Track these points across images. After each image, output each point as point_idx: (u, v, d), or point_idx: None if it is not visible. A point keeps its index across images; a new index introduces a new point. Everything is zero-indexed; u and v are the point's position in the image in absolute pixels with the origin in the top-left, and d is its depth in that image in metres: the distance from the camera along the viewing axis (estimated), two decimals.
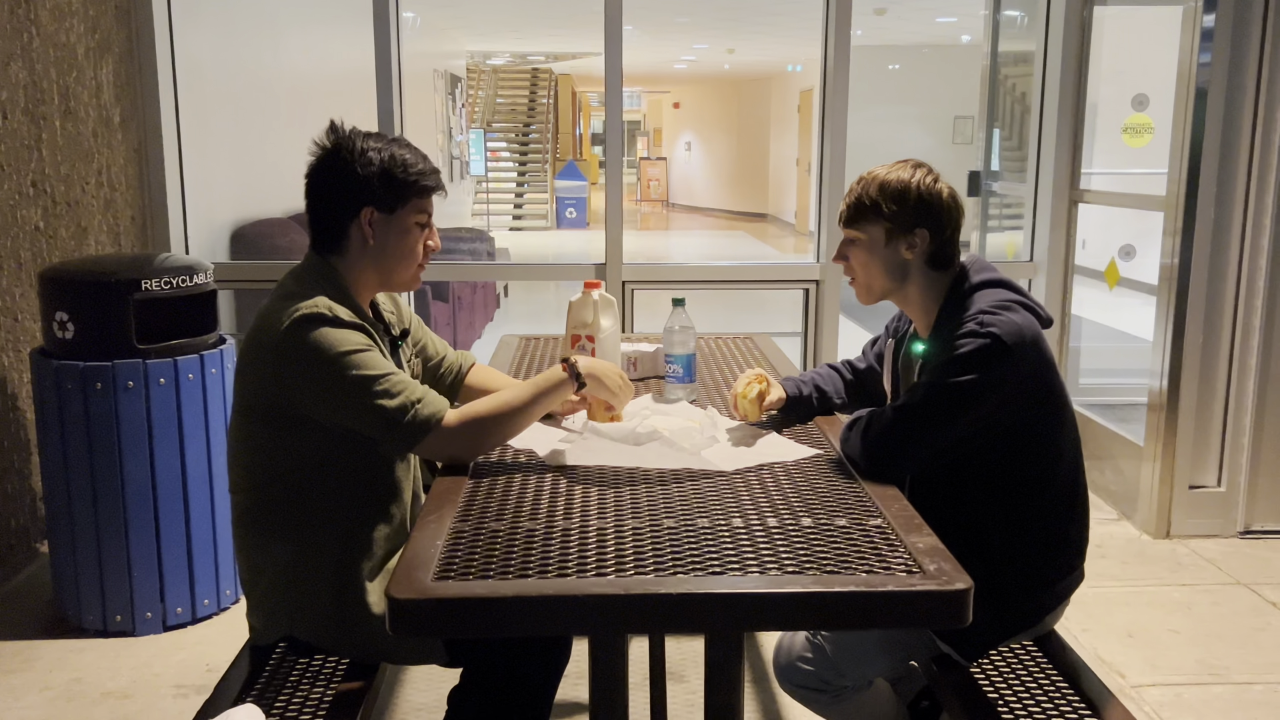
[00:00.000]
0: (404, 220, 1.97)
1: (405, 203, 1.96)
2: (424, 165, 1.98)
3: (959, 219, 1.99)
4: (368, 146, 1.94)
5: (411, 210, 1.98)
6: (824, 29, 4.43)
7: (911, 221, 1.96)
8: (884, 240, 1.98)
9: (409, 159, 1.96)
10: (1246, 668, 3.01)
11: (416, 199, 1.98)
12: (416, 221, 1.99)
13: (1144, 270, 4.42)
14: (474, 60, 17.73)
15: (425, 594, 1.41)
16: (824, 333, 4.50)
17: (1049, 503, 1.97)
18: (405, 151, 1.97)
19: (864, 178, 2.01)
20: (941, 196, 1.97)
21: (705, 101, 23.48)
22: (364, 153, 1.93)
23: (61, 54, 3.69)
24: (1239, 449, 3.94)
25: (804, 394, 2.26)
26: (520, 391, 1.97)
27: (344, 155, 1.93)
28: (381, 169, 1.93)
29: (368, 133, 1.98)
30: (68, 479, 3.07)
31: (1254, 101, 3.75)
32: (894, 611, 1.45)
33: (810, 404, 2.26)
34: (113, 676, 2.93)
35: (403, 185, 1.95)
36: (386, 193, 1.94)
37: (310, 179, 1.98)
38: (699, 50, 16.53)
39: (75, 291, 3.04)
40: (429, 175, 1.98)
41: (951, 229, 1.98)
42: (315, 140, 1.97)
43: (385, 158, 1.94)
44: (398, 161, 1.94)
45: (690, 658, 2.97)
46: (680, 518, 1.67)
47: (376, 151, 1.94)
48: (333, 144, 1.95)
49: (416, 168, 1.96)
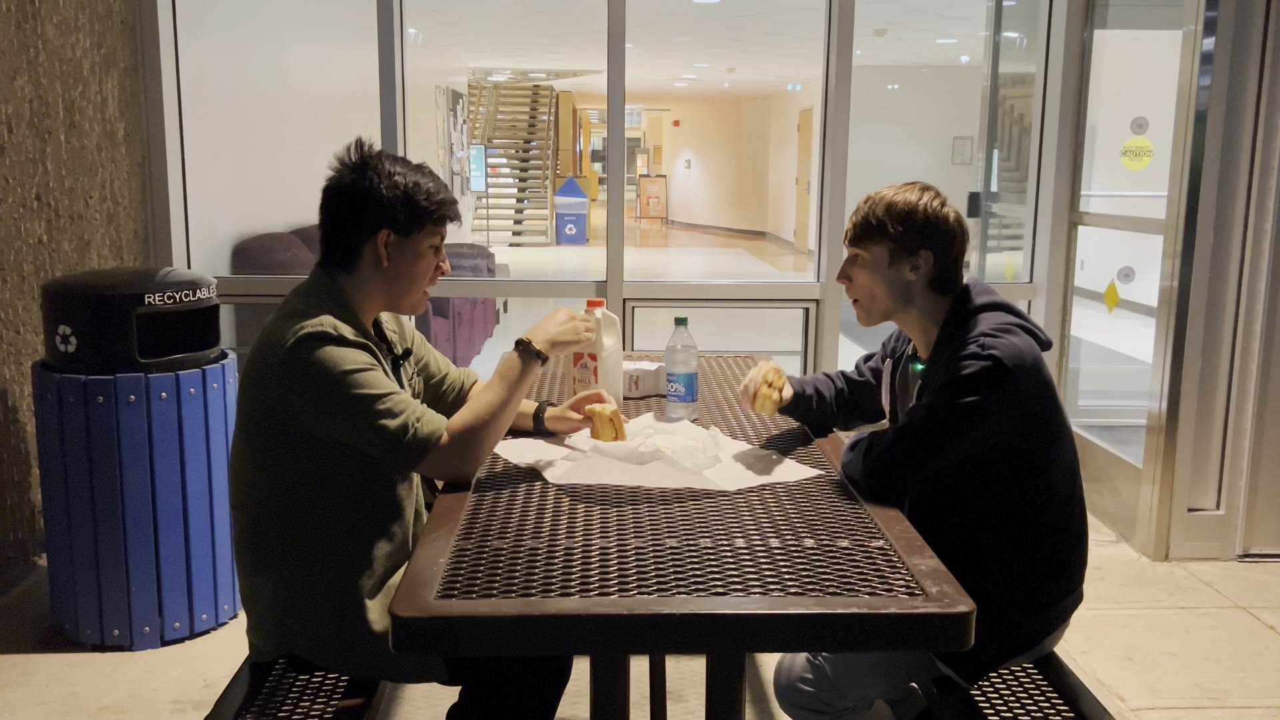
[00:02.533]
0: (419, 244, 1.99)
1: (422, 228, 1.99)
2: (445, 195, 2.02)
3: (963, 243, 2.01)
4: (394, 170, 1.96)
5: (427, 235, 2.00)
6: (825, 49, 4.46)
7: (916, 243, 1.97)
8: (888, 260, 2.00)
9: (432, 188, 1.99)
10: (1245, 692, 3.00)
11: (434, 225, 2.00)
12: (431, 245, 2.01)
13: (1143, 292, 4.43)
14: (475, 77, 17.79)
15: (428, 612, 1.41)
16: (823, 352, 4.51)
17: (1048, 525, 1.97)
18: (429, 181, 2.00)
19: (871, 197, 2.02)
20: (948, 220, 1.98)
21: (705, 119, 23.55)
22: (390, 175, 1.95)
23: (67, 68, 3.71)
24: (1238, 472, 3.94)
25: (806, 393, 2.30)
26: (493, 389, 1.98)
27: (370, 175, 1.95)
28: (405, 194, 1.95)
29: (394, 156, 2.00)
30: (67, 492, 3.07)
31: (1253, 125, 3.77)
32: (895, 634, 1.45)
33: (810, 404, 2.30)
34: (109, 691, 2.92)
35: (423, 211, 1.98)
36: (406, 216, 1.96)
37: (329, 195, 1.99)
38: (699, 69, 16.61)
39: (78, 305, 3.04)
40: (449, 205, 2.02)
41: (956, 253, 2.00)
42: (338, 156, 1.98)
43: (410, 184, 1.96)
44: (421, 189, 1.97)
45: (689, 677, 2.97)
46: (682, 537, 1.67)
47: (403, 176, 1.96)
48: (358, 162, 1.97)
49: (438, 196, 2.00)
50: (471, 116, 17.24)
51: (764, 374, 2.18)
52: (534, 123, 19.42)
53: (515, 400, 2.00)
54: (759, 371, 2.20)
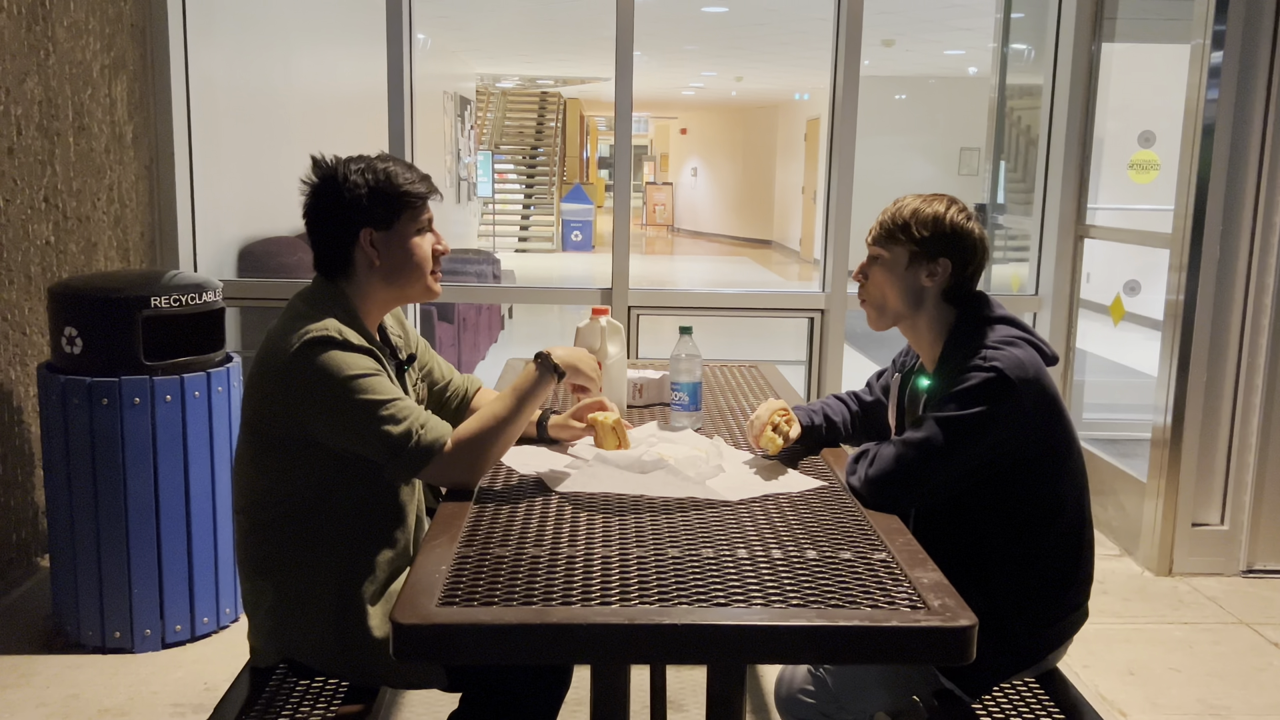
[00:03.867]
0: (404, 232, 1.97)
1: (400, 215, 1.97)
2: (411, 174, 1.98)
3: (983, 259, 2.03)
4: (350, 170, 1.94)
5: (409, 220, 1.98)
6: (833, 59, 4.47)
7: (937, 250, 1.99)
8: (906, 262, 2.01)
9: (394, 170, 1.96)
10: (1247, 708, 2.99)
11: (411, 209, 1.98)
12: (417, 229, 1.99)
13: (1149, 305, 4.42)
14: (483, 83, 17.82)
15: (430, 620, 1.41)
16: (828, 362, 4.51)
17: (1055, 539, 1.97)
18: (389, 164, 1.97)
19: (899, 201, 2.05)
20: (972, 234, 2.00)
21: (712, 128, 23.58)
22: (348, 177, 1.94)
23: (76, 71, 3.72)
24: (1242, 487, 3.93)
25: (815, 423, 2.26)
26: (504, 401, 1.96)
27: (330, 185, 1.94)
28: (370, 188, 1.94)
29: (350, 157, 1.98)
30: (71, 494, 3.07)
31: (1260, 139, 3.76)
32: (897, 647, 1.45)
33: (820, 434, 2.27)
34: (110, 694, 2.92)
35: (394, 198, 1.95)
36: (380, 210, 1.95)
37: (307, 215, 1.99)
38: (707, 77, 16.62)
39: (84, 307, 3.05)
40: (418, 183, 1.98)
41: (974, 267, 2.02)
42: (303, 179, 1.98)
43: (370, 176, 1.94)
44: (383, 176, 1.95)
45: (690, 686, 2.96)
46: (685, 547, 1.66)
47: (360, 173, 1.94)
48: (319, 177, 1.96)
49: (403, 177, 1.96)
50: (479, 122, 17.27)
51: (770, 415, 2.16)
52: (541, 129, 19.45)
53: (524, 414, 1.97)
54: (764, 411, 2.16)
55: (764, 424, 2.13)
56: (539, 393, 1.98)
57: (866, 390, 2.39)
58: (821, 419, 2.28)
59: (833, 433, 2.29)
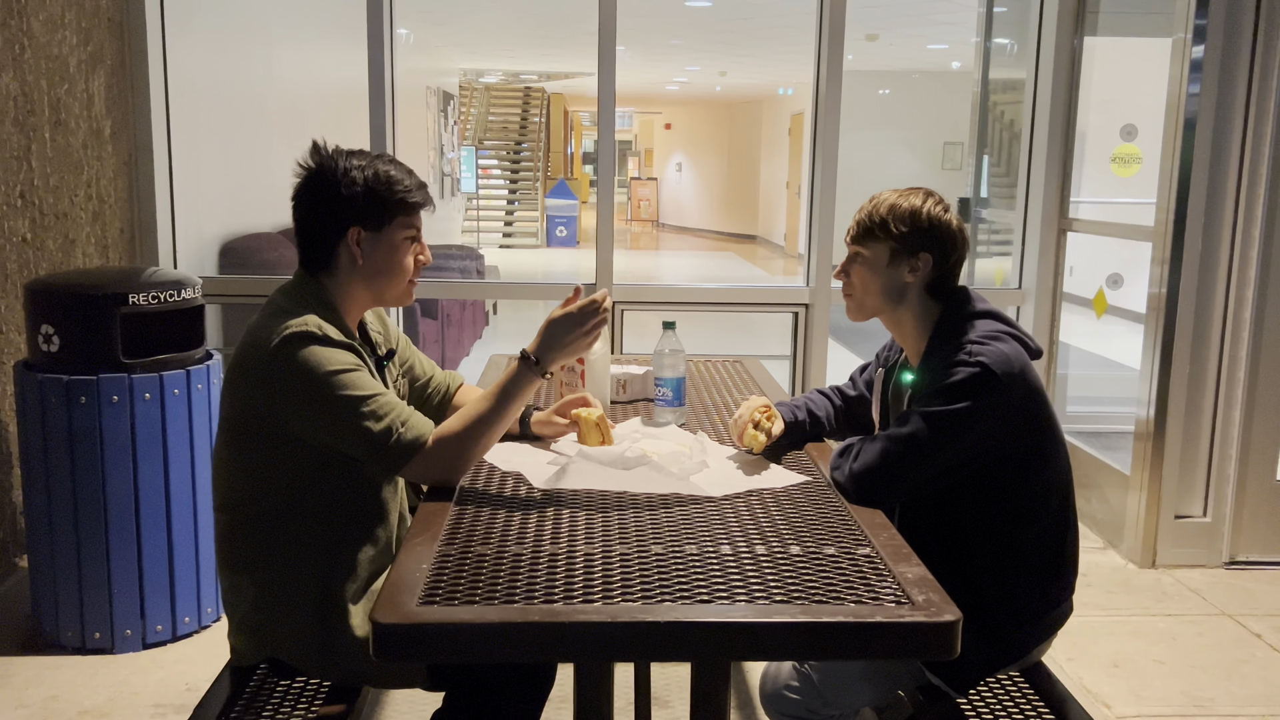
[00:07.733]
0: (391, 237, 1.95)
1: (391, 220, 1.95)
2: (410, 181, 1.96)
3: (963, 250, 2.02)
4: (351, 166, 1.92)
5: (399, 227, 1.96)
6: (816, 53, 4.46)
7: (917, 245, 1.98)
8: (887, 259, 2.00)
9: (394, 175, 1.94)
10: (1230, 700, 3.00)
11: (403, 216, 1.96)
12: (405, 237, 1.97)
13: (1132, 299, 4.44)
14: (466, 78, 17.76)
15: (410, 619, 1.40)
16: (813, 356, 4.50)
17: (1040, 534, 1.97)
18: (390, 168, 1.95)
19: (876, 198, 2.03)
20: (950, 226, 2.00)
21: (697, 123, 23.57)
22: (347, 172, 1.91)
23: (53, 65, 3.68)
24: (1225, 479, 3.95)
25: (798, 419, 2.25)
26: (487, 399, 1.92)
27: (328, 176, 1.92)
28: (366, 188, 1.92)
29: (351, 151, 1.96)
30: (49, 493, 3.04)
31: (1242, 132, 3.78)
32: (882, 642, 1.44)
33: (803, 429, 2.26)
34: (90, 695, 2.90)
35: (388, 203, 1.93)
36: (372, 211, 1.93)
37: (296, 201, 1.96)
38: (691, 72, 16.61)
39: (61, 304, 3.02)
40: (415, 191, 1.96)
41: (954, 259, 2.01)
42: (299, 162, 1.95)
43: (369, 176, 1.92)
44: (382, 179, 1.93)
45: (675, 683, 2.95)
46: (668, 544, 1.65)
47: (360, 170, 1.92)
48: (316, 165, 1.93)
49: (402, 184, 1.94)
50: (462, 118, 17.21)
51: (751, 412, 2.15)
52: (525, 124, 19.39)
53: (508, 413, 1.92)
54: (746, 409, 2.15)
55: (746, 422, 2.12)
56: (523, 392, 1.95)
57: (850, 384, 2.38)
58: (805, 414, 2.27)
59: (816, 427, 2.28)
